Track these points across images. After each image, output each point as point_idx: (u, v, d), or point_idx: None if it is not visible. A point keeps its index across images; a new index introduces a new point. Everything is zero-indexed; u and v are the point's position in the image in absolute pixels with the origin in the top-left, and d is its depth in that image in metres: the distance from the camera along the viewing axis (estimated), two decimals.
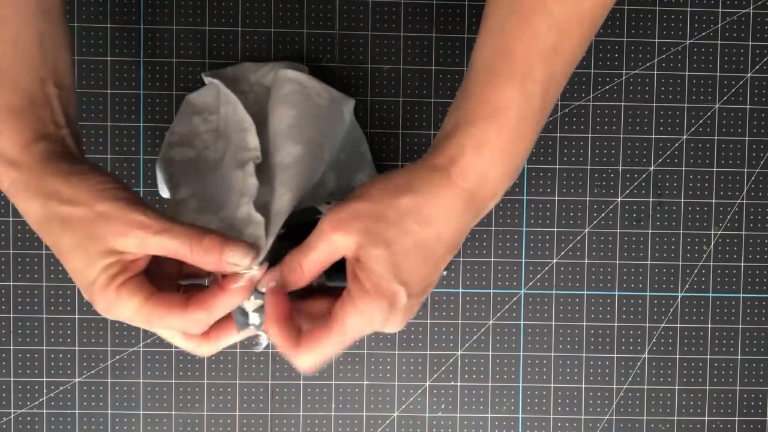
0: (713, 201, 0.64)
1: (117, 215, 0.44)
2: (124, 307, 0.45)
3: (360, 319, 0.46)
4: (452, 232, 0.46)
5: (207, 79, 0.59)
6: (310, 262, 0.47)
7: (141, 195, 0.63)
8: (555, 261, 0.64)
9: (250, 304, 0.48)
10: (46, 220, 0.45)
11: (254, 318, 0.48)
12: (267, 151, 0.52)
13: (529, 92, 0.45)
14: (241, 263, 0.46)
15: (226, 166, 0.53)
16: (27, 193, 0.45)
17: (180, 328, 0.47)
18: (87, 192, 0.44)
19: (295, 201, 0.50)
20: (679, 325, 0.65)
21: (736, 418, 0.65)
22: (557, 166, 0.64)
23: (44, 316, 0.63)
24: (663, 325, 0.65)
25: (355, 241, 0.45)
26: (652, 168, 0.64)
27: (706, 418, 0.65)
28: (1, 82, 0.45)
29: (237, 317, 0.49)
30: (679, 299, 0.65)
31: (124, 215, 0.44)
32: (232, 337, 0.51)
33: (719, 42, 0.64)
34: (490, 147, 0.45)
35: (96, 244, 0.44)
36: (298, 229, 0.50)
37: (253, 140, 0.52)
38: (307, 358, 0.47)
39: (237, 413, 0.64)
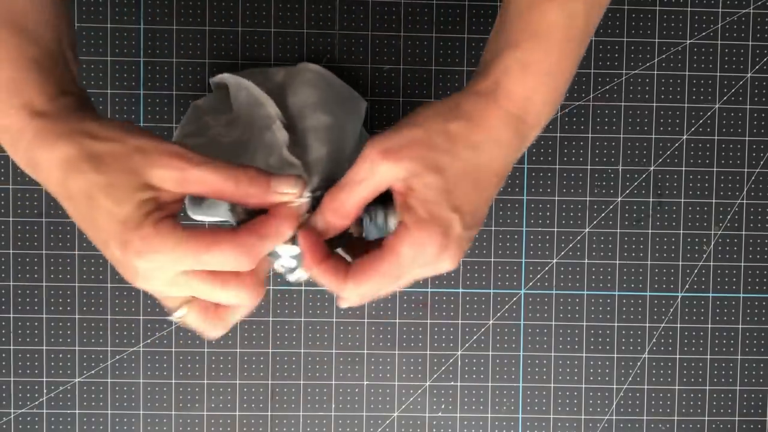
0: (713, 201, 0.64)
1: (154, 147, 0.42)
2: (165, 241, 0.41)
3: (414, 249, 0.43)
4: (500, 159, 0.45)
5: (214, 81, 0.59)
6: (355, 196, 0.44)
7: None
8: (555, 261, 0.64)
9: (287, 250, 0.45)
10: (76, 161, 0.42)
11: (289, 261, 0.46)
12: (294, 120, 0.51)
13: (572, 12, 0.44)
14: (291, 191, 0.43)
15: (249, 137, 0.51)
16: (56, 137, 0.42)
17: (229, 262, 0.42)
18: (120, 129, 0.42)
19: (331, 158, 0.48)
20: (679, 325, 0.65)
21: (736, 418, 0.65)
22: (557, 166, 0.64)
23: (44, 316, 0.63)
24: (663, 325, 0.65)
25: (406, 169, 0.43)
26: (652, 168, 0.64)
27: (706, 418, 0.65)
28: (24, 36, 0.44)
29: (273, 258, 0.46)
30: (679, 299, 0.65)
31: (162, 147, 0.42)
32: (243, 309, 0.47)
33: (719, 42, 0.64)
34: (535, 69, 0.44)
35: (131, 178, 0.41)
36: None
37: (273, 110, 0.51)
38: (357, 291, 0.44)
39: (237, 413, 0.64)
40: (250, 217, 0.45)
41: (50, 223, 0.63)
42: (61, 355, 0.63)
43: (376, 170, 0.43)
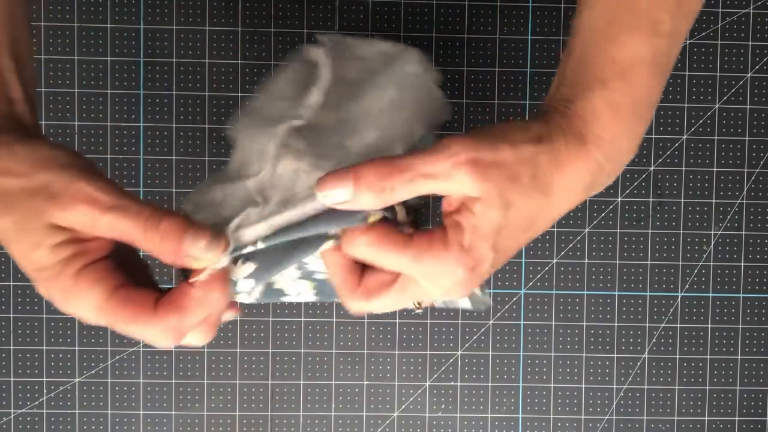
0: (713, 201, 0.64)
1: (59, 186, 0.38)
2: (83, 301, 0.38)
3: (439, 267, 0.40)
4: (562, 209, 0.41)
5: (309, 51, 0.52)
6: (412, 185, 0.39)
7: (141, 195, 0.63)
8: (555, 261, 0.64)
9: (241, 271, 0.41)
10: None
11: (244, 285, 0.42)
12: (351, 104, 0.46)
13: (657, 47, 0.40)
14: (202, 256, 0.39)
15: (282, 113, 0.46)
16: None
17: (149, 338, 0.40)
18: (28, 160, 0.38)
19: (382, 143, 0.44)
20: (679, 325, 0.65)
21: (736, 418, 0.65)
22: None
23: (44, 316, 0.63)
24: (663, 325, 0.65)
25: (484, 190, 0.38)
26: (652, 168, 0.64)
27: (706, 418, 0.65)
28: None
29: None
30: (679, 299, 0.65)
31: (67, 186, 0.38)
32: (193, 316, 0.42)
33: (719, 42, 0.64)
34: (623, 112, 0.40)
35: (36, 220, 0.38)
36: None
37: (314, 98, 0.46)
38: (361, 244, 0.40)
39: (237, 413, 0.64)
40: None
41: None
42: (61, 355, 0.63)
43: (456, 175, 0.38)
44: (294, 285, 0.47)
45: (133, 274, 0.40)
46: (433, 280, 0.41)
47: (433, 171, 0.39)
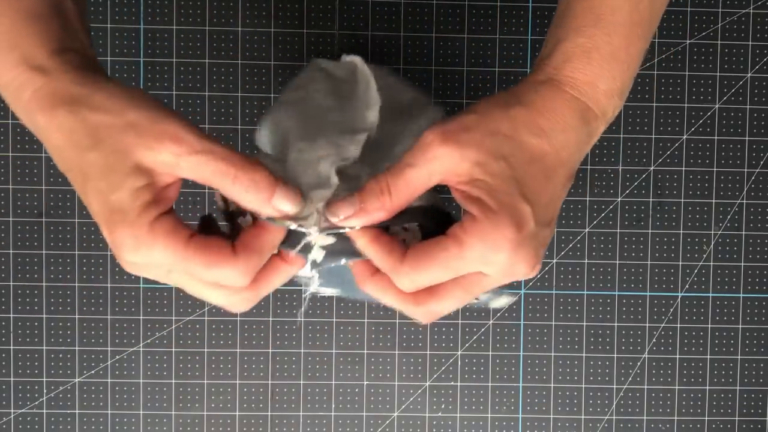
0: (713, 201, 0.64)
1: (147, 125, 0.38)
2: (159, 249, 0.38)
3: (484, 244, 0.39)
4: (570, 147, 0.41)
5: (346, 58, 0.54)
6: (406, 183, 0.40)
7: None
8: (555, 261, 0.64)
9: (317, 239, 0.42)
10: (74, 134, 0.39)
11: (317, 254, 0.42)
12: (384, 139, 0.48)
13: None
14: (289, 211, 0.40)
15: (332, 125, 0.48)
16: (55, 101, 0.39)
17: (227, 279, 0.40)
18: (118, 98, 0.39)
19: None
20: (679, 325, 0.65)
21: (736, 418, 0.65)
22: None
23: (44, 316, 0.63)
24: (663, 325, 0.65)
25: (467, 157, 0.39)
26: (652, 168, 0.64)
27: (706, 418, 0.65)
28: None
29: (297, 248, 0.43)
30: (679, 299, 0.65)
31: (155, 125, 0.38)
32: (279, 279, 0.44)
33: (719, 42, 0.64)
34: (598, 54, 0.41)
35: (123, 159, 0.38)
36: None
37: (372, 116, 0.47)
38: (411, 277, 0.40)
39: (237, 413, 0.64)
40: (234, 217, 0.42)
41: (50, 223, 0.63)
42: (61, 355, 0.63)
43: (434, 155, 0.40)
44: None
45: None
46: (487, 261, 0.40)
47: (414, 160, 0.40)
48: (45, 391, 0.64)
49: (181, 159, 0.38)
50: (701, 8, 0.63)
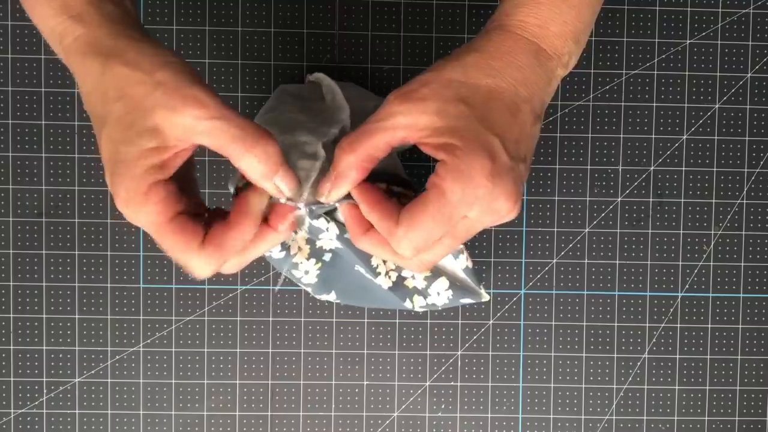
0: (713, 201, 0.64)
1: (175, 87, 0.40)
2: (144, 213, 0.40)
3: (460, 182, 0.40)
4: (528, 86, 0.42)
5: (310, 79, 0.58)
6: (372, 141, 0.42)
7: None
8: (555, 261, 0.64)
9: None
10: (103, 83, 0.40)
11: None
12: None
13: None
14: (286, 192, 0.42)
15: (308, 129, 0.50)
16: (90, 50, 0.41)
17: (192, 266, 0.43)
18: (151, 57, 0.40)
19: None
20: (679, 325, 0.65)
21: (736, 418, 0.65)
22: (557, 166, 0.64)
23: (44, 316, 0.63)
24: (663, 325, 0.65)
25: (426, 110, 0.41)
26: (652, 168, 0.64)
27: (706, 418, 0.65)
28: None
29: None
30: (679, 299, 0.65)
31: (183, 88, 0.40)
32: (266, 246, 0.45)
33: (719, 42, 0.64)
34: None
35: (143, 116, 0.39)
36: None
37: (344, 115, 0.50)
38: (409, 239, 0.41)
39: (237, 413, 0.64)
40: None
41: (50, 223, 0.63)
42: (61, 355, 0.63)
43: (394, 111, 0.41)
44: (307, 263, 0.53)
45: (188, 188, 0.44)
46: (468, 200, 0.40)
47: (377, 118, 0.42)
48: (45, 391, 0.64)
49: (200, 122, 0.39)
50: (701, 8, 0.63)
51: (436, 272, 0.54)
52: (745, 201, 0.64)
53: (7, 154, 0.62)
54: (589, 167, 0.64)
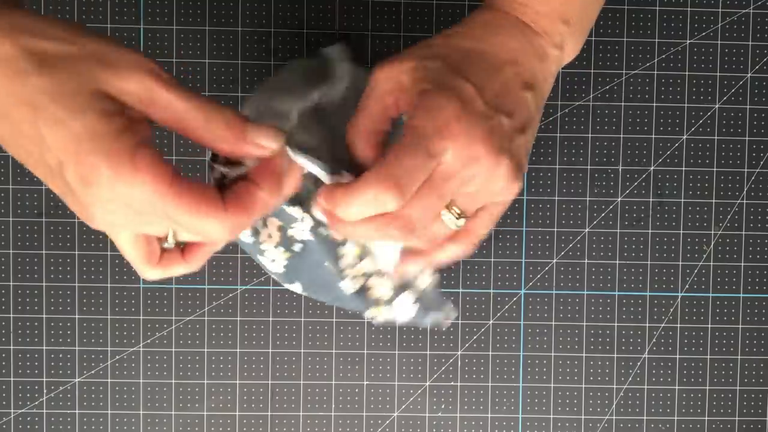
0: (713, 201, 0.64)
1: (115, 56, 0.34)
2: (140, 185, 0.34)
3: (431, 115, 0.39)
4: (511, 51, 0.43)
5: (323, 50, 0.57)
6: (365, 113, 0.42)
7: None
8: (555, 261, 0.64)
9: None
10: (13, 62, 0.33)
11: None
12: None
13: None
14: (269, 144, 0.38)
15: (299, 93, 0.50)
16: None
17: (209, 231, 0.37)
18: (74, 30, 0.35)
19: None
20: (679, 325, 0.65)
21: (736, 418, 0.65)
22: (557, 166, 0.64)
23: (44, 316, 0.63)
24: (663, 325, 0.65)
25: (405, 68, 0.41)
26: (652, 168, 0.64)
27: (706, 418, 0.65)
28: None
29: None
30: (679, 299, 0.65)
31: (124, 56, 0.34)
32: (187, 266, 0.43)
33: (719, 42, 0.64)
34: None
35: (82, 82, 0.33)
36: None
37: (340, 83, 0.51)
38: (387, 176, 0.39)
39: (237, 413, 0.64)
40: (225, 176, 0.41)
41: (50, 223, 0.63)
42: (61, 355, 0.63)
43: (379, 79, 0.42)
44: (275, 251, 0.51)
45: None
46: (443, 135, 0.39)
47: (366, 94, 0.43)
48: (45, 391, 0.64)
49: (155, 93, 0.35)
50: (701, 8, 0.63)
51: (404, 285, 0.53)
52: (745, 201, 0.64)
53: (7, 154, 0.62)
54: (589, 167, 0.64)
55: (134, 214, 0.36)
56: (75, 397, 0.64)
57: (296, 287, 0.55)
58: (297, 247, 0.53)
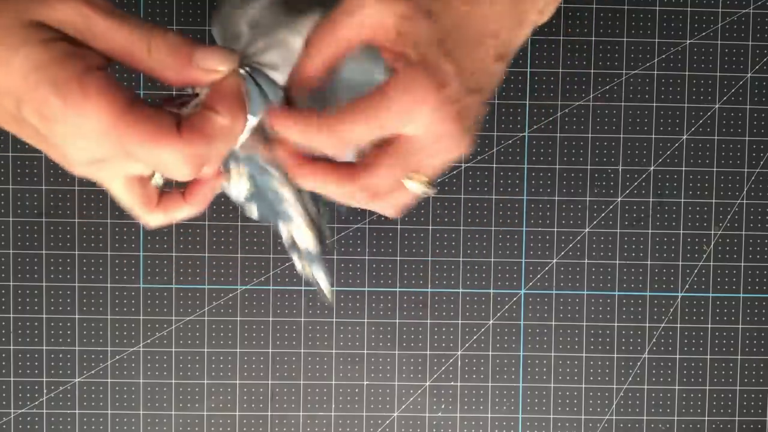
0: (713, 201, 0.64)
1: None
2: (93, 111, 0.32)
3: (405, 95, 0.38)
4: (498, 21, 0.41)
5: None
6: (336, 32, 0.38)
7: None
8: (555, 261, 0.64)
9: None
10: None
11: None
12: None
13: None
14: (219, 67, 0.36)
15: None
16: None
17: (168, 163, 0.35)
18: None
19: None
20: (679, 325, 0.65)
21: (736, 418, 0.65)
22: (557, 166, 0.64)
23: (44, 316, 0.63)
24: (663, 325, 0.65)
25: (395, 12, 0.38)
26: (652, 168, 0.64)
27: (706, 418, 0.65)
28: None
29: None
30: (679, 299, 0.65)
31: None
32: (190, 208, 0.41)
33: (719, 42, 0.64)
34: None
35: (13, 16, 0.32)
36: None
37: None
38: (338, 129, 0.38)
39: (237, 413, 0.64)
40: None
41: (50, 223, 0.63)
42: (61, 355, 0.63)
43: (364, 5, 0.38)
44: (241, 181, 0.47)
45: None
46: (411, 115, 0.38)
47: (345, 10, 0.39)
48: (45, 391, 0.64)
49: (91, 20, 0.33)
50: (701, 8, 0.63)
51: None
52: (745, 201, 0.65)
53: (7, 154, 0.62)
54: (589, 167, 0.64)
55: (100, 149, 0.34)
56: (75, 397, 0.64)
57: (254, 213, 0.50)
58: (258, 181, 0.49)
